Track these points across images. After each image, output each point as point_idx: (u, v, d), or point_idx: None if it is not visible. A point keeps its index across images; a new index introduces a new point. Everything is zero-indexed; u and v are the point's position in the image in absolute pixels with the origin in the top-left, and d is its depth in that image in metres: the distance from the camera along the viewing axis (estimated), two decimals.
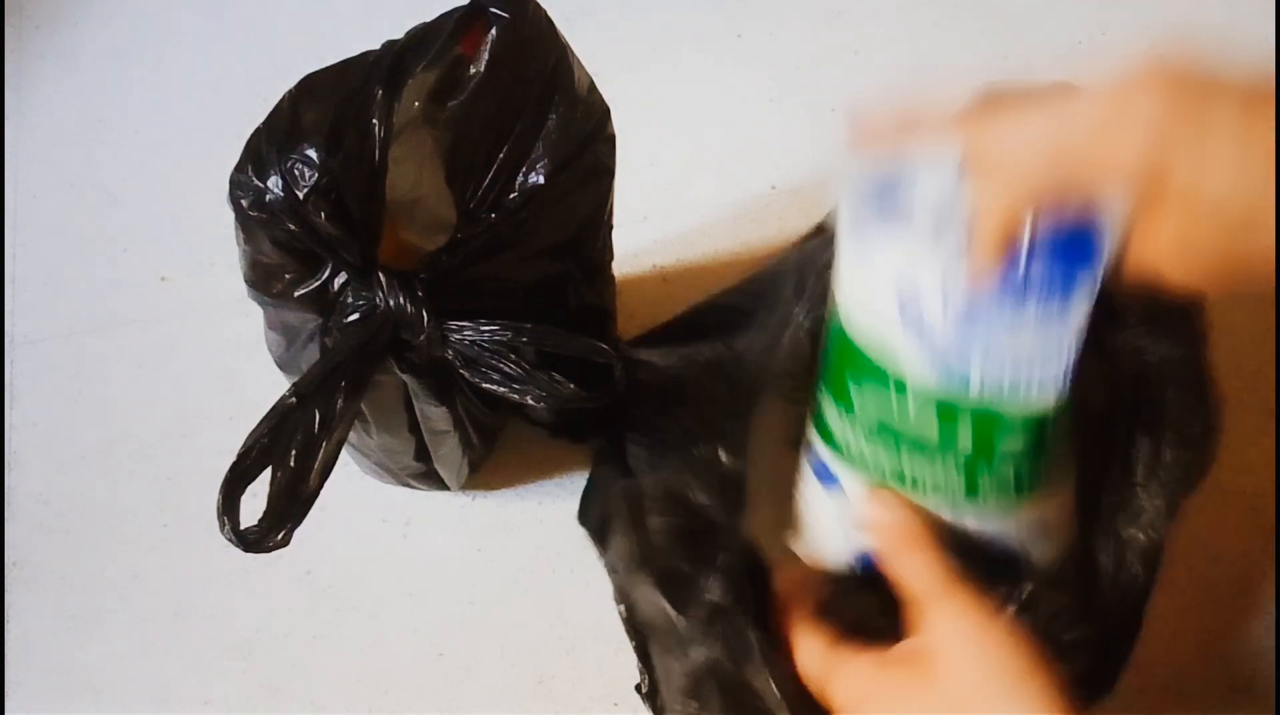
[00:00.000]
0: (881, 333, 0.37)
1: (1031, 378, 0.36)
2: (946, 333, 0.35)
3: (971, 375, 0.36)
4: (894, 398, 0.37)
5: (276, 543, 0.42)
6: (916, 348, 0.36)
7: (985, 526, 0.40)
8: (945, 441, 0.38)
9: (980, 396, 0.36)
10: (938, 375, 0.36)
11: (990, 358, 0.36)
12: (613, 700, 0.60)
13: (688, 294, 0.72)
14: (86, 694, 0.61)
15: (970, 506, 0.39)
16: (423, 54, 0.45)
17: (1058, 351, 0.36)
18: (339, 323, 0.46)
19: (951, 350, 0.36)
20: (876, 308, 0.37)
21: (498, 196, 0.46)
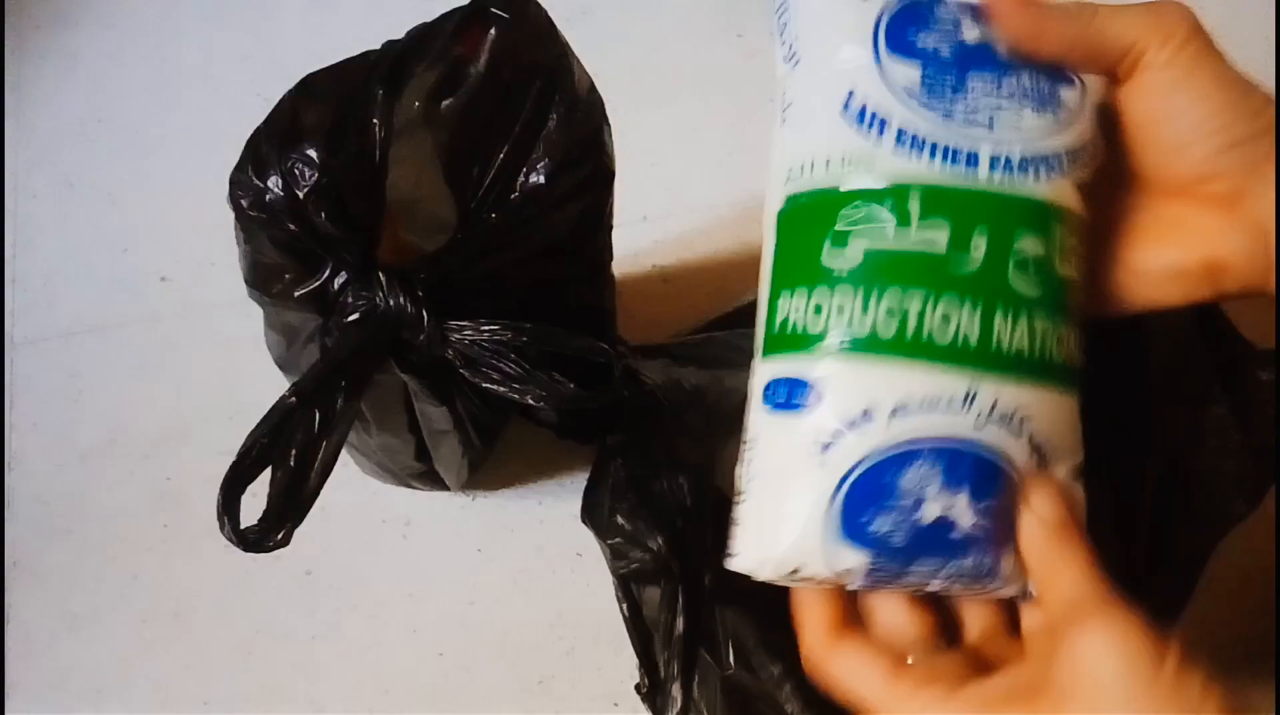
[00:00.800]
0: (863, 150, 0.33)
1: (1038, 153, 0.32)
2: (946, 105, 0.32)
3: (980, 153, 0.32)
4: (894, 213, 0.32)
5: (276, 543, 0.42)
6: (916, 137, 0.32)
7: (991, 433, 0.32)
8: (957, 248, 0.32)
9: (989, 174, 0.32)
10: (941, 157, 0.32)
11: (996, 122, 0.32)
12: (613, 700, 0.60)
13: (688, 294, 0.73)
14: (86, 694, 0.61)
15: (980, 375, 0.32)
16: (423, 54, 0.45)
17: (1058, 124, 0.33)
18: (339, 323, 0.46)
19: (956, 122, 0.32)
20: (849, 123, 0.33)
21: (498, 196, 0.46)
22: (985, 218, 0.32)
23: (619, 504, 0.48)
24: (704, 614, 0.45)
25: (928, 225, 0.32)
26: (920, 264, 0.32)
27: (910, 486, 0.32)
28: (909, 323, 0.32)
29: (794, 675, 0.43)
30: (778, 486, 0.34)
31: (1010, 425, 0.32)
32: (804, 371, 0.33)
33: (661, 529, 0.46)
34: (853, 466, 0.32)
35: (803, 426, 0.33)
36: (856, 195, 0.33)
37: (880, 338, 0.32)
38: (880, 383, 0.32)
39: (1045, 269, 0.32)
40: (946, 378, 0.32)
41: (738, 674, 0.44)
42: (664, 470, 0.48)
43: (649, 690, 0.47)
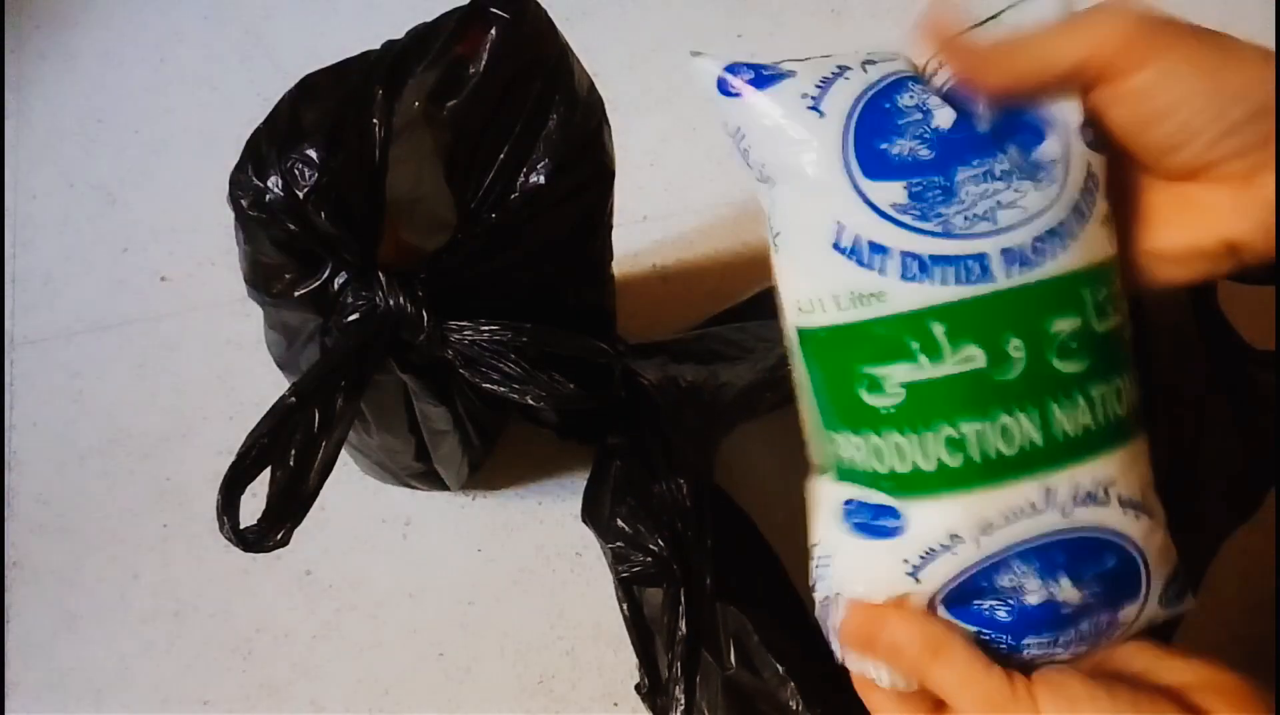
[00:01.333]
0: (869, 284, 0.31)
1: (1047, 229, 0.30)
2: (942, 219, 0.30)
3: (989, 255, 0.30)
4: (919, 342, 0.31)
5: (276, 543, 0.42)
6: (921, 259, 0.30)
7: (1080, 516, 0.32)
8: (995, 360, 0.31)
9: (1005, 274, 0.30)
10: (953, 275, 0.30)
11: (997, 215, 0.30)
12: (613, 700, 0.60)
13: (688, 294, 0.73)
14: (86, 694, 0.61)
15: (1055, 471, 0.31)
16: (423, 54, 0.45)
17: (1056, 184, 0.31)
18: (339, 323, 0.46)
19: (956, 229, 0.30)
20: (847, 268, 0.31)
21: (498, 196, 0.46)
22: (1015, 319, 0.31)
23: (619, 507, 0.48)
24: (706, 615, 0.45)
25: (959, 346, 0.31)
26: (964, 386, 0.31)
27: (1008, 586, 0.32)
28: (972, 450, 0.31)
29: (795, 675, 0.43)
30: (874, 597, 0.34)
31: (1096, 501, 0.32)
32: (881, 501, 0.33)
33: (662, 531, 0.46)
34: (945, 584, 0.32)
35: (889, 551, 0.33)
36: (876, 331, 0.31)
37: (948, 469, 0.31)
38: (959, 511, 0.32)
39: (1087, 336, 0.31)
40: (1022, 486, 0.31)
41: (739, 673, 0.44)
42: (663, 472, 0.48)
43: (649, 690, 0.47)
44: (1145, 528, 0.33)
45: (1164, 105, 0.29)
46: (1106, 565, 0.32)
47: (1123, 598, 0.33)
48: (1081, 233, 0.31)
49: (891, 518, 0.33)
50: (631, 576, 0.47)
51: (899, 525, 0.32)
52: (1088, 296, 0.31)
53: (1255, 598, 0.60)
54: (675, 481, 0.47)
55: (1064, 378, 0.31)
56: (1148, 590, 0.33)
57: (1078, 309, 0.31)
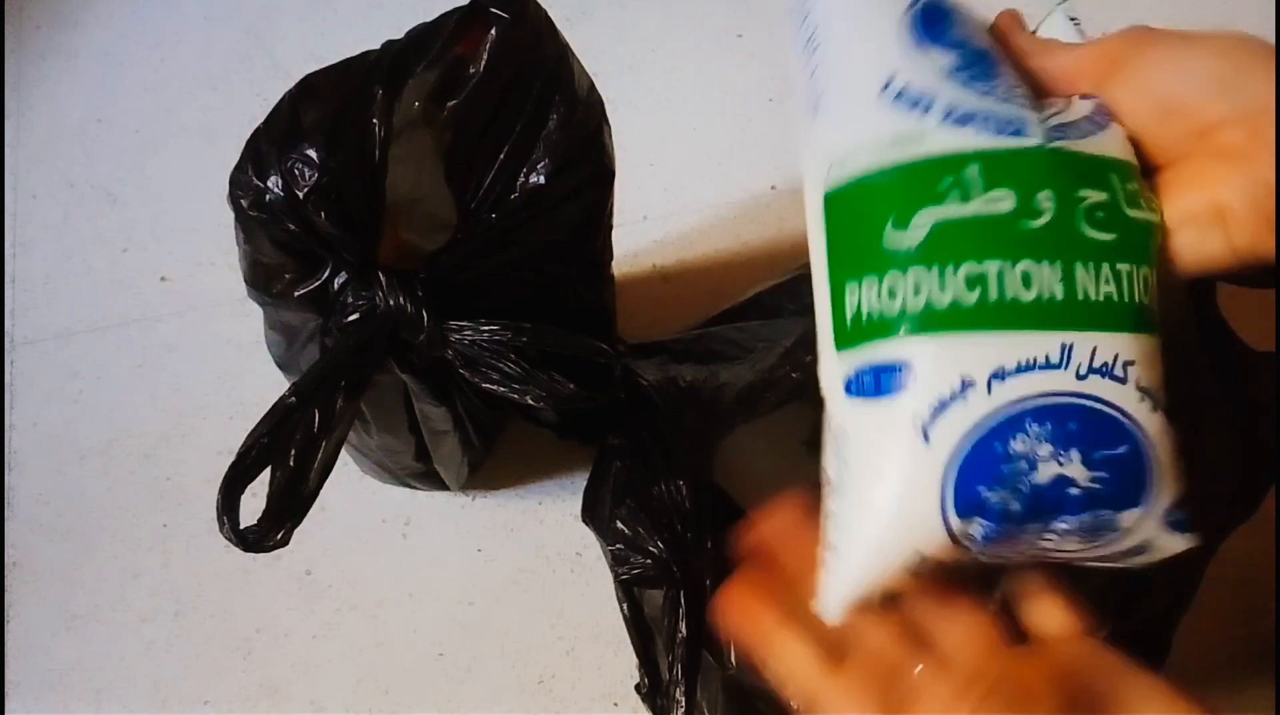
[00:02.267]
0: (912, 126, 0.33)
1: (1074, 118, 0.33)
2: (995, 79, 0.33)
3: (1027, 120, 0.32)
4: (953, 181, 0.32)
5: (276, 542, 0.42)
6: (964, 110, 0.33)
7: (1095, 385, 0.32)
8: (1022, 207, 0.32)
9: (1040, 139, 0.32)
10: (992, 127, 0.32)
11: (1030, 102, 0.33)
12: (613, 700, 0.60)
13: (688, 294, 0.73)
14: (86, 694, 0.61)
15: (1074, 331, 0.32)
16: (423, 54, 0.45)
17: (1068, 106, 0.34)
18: (339, 323, 0.46)
19: (996, 98, 0.33)
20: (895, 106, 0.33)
21: (498, 197, 0.46)
22: (1048, 175, 0.32)
23: (618, 508, 0.48)
24: (706, 617, 0.45)
25: (991, 191, 0.32)
26: (991, 228, 0.31)
27: (1022, 451, 0.31)
28: (990, 289, 0.31)
29: None
30: (883, 476, 0.33)
31: (1113, 375, 0.32)
32: (890, 356, 0.32)
33: (661, 533, 0.46)
34: (959, 442, 0.31)
35: (899, 411, 0.32)
36: (913, 170, 0.32)
37: (964, 308, 0.31)
38: (972, 353, 0.31)
39: (1115, 214, 0.32)
40: (1039, 337, 0.31)
41: (739, 673, 0.44)
42: (662, 473, 0.48)
43: (649, 690, 0.47)
44: (1160, 426, 0.33)
45: (1155, 110, 0.33)
46: (1118, 449, 0.32)
47: (1127, 496, 0.32)
48: (1106, 131, 0.33)
49: (898, 371, 0.32)
50: (631, 578, 0.47)
51: (906, 379, 0.32)
52: (1116, 182, 0.32)
53: (1254, 598, 0.60)
54: (675, 483, 0.47)
55: (1090, 242, 0.32)
56: (1153, 498, 0.33)
57: (1107, 187, 0.32)
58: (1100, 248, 0.32)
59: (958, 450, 0.31)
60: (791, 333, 0.48)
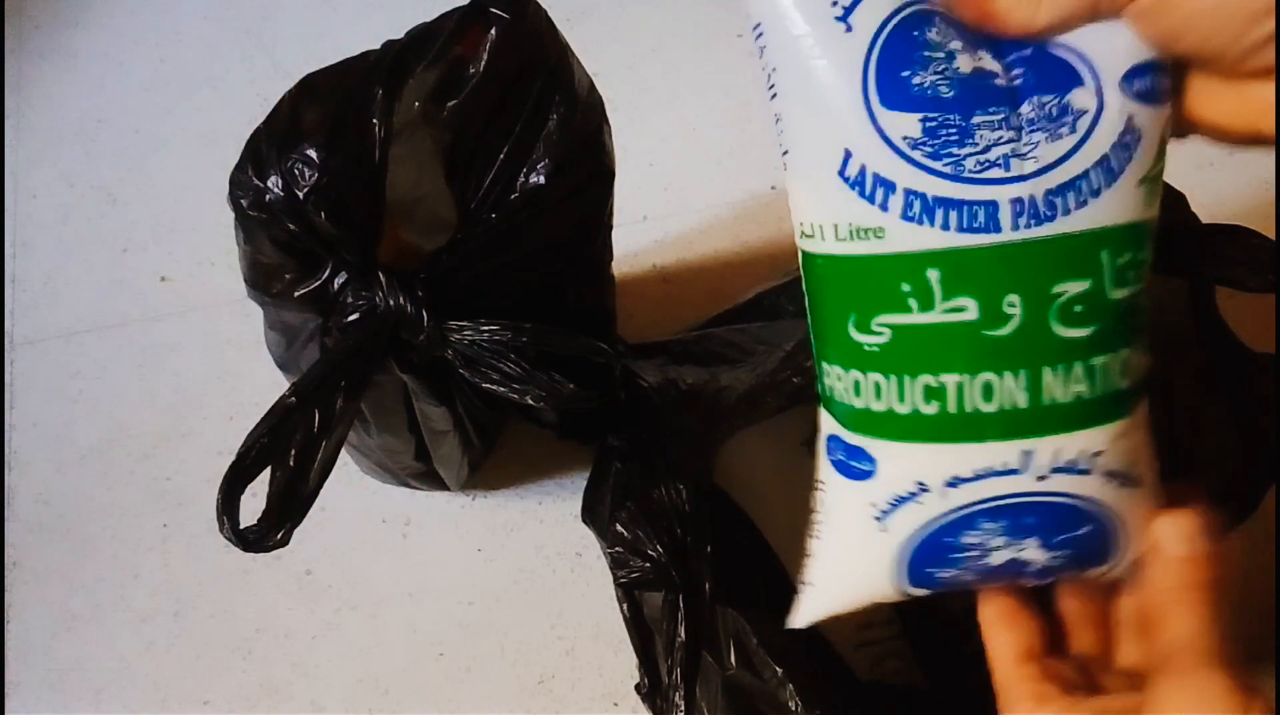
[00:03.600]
0: (870, 219, 0.29)
1: (1063, 183, 0.29)
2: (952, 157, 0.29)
3: (998, 203, 0.28)
4: (912, 286, 0.29)
5: (276, 542, 0.42)
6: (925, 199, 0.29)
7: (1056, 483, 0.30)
8: (989, 316, 0.29)
9: (1012, 225, 0.28)
10: (956, 220, 0.29)
11: (1010, 164, 0.29)
12: (613, 700, 0.60)
13: (688, 294, 0.73)
14: (86, 694, 0.61)
15: (1037, 437, 0.30)
16: (423, 54, 0.45)
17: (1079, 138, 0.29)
18: (339, 323, 0.46)
19: (967, 172, 0.29)
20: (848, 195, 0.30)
21: (498, 197, 0.46)
22: (1016, 276, 0.29)
23: (618, 512, 0.48)
24: (705, 620, 0.45)
25: (952, 298, 0.29)
26: (951, 337, 0.29)
27: (975, 543, 0.31)
28: (949, 402, 0.30)
29: (794, 677, 0.43)
30: (846, 542, 0.34)
31: (1078, 470, 0.30)
32: (854, 440, 0.32)
33: (661, 537, 0.46)
34: (910, 535, 0.32)
35: (859, 494, 0.32)
36: (872, 270, 0.30)
37: (923, 419, 0.30)
38: (929, 462, 0.31)
39: (1097, 302, 0.29)
40: (998, 446, 0.30)
41: (739, 674, 0.44)
42: (662, 476, 0.48)
43: (649, 690, 0.47)
44: (1129, 497, 0.31)
45: (1182, 19, 0.28)
46: (1078, 531, 0.31)
47: (1090, 562, 0.32)
48: (1109, 190, 0.29)
49: (865, 461, 0.32)
50: (630, 582, 0.47)
51: (870, 469, 0.32)
52: (1106, 259, 0.29)
53: (1254, 598, 0.60)
54: (675, 486, 0.47)
55: (1062, 343, 0.29)
56: (1121, 555, 0.33)
57: (1091, 272, 0.29)
58: (1073, 347, 0.29)
59: (910, 539, 0.32)
60: (792, 336, 0.48)
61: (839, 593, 0.35)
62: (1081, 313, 0.29)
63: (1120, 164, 0.29)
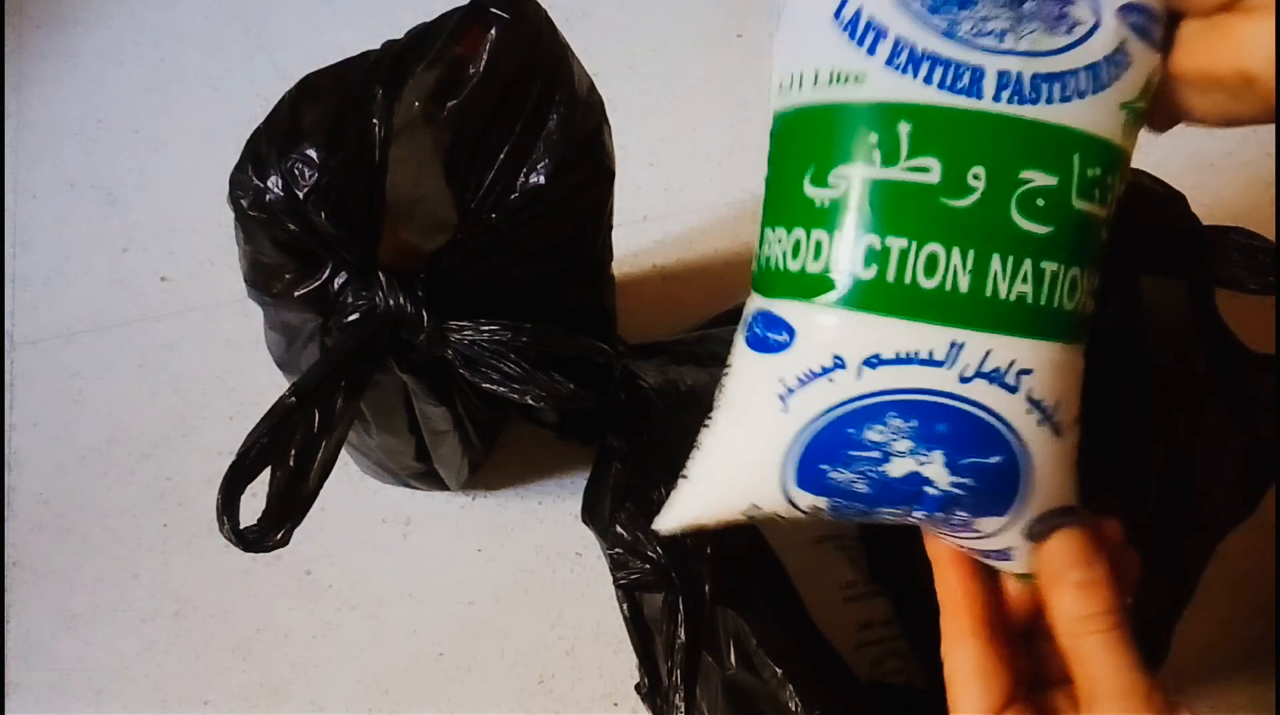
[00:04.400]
0: (853, 63, 0.29)
1: (1053, 71, 0.28)
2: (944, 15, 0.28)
3: (984, 70, 0.28)
4: (880, 137, 0.28)
5: (276, 542, 0.42)
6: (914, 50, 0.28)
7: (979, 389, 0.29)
8: (950, 183, 0.28)
9: (994, 96, 0.28)
10: (940, 76, 0.28)
11: (1006, 37, 0.28)
12: (613, 700, 0.60)
13: (688, 294, 0.73)
14: (86, 694, 0.61)
15: (970, 329, 0.29)
16: (423, 54, 0.45)
17: (1075, 40, 0.29)
18: (339, 323, 0.46)
19: (961, 35, 0.28)
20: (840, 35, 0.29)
21: (498, 197, 0.46)
22: (986, 146, 0.28)
23: (618, 513, 0.48)
24: (705, 621, 0.45)
25: (918, 157, 0.28)
26: (907, 198, 0.28)
27: (877, 441, 0.29)
28: (888, 267, 0.28)
29: (794, 677, 0.43)
30: (741, 425, 0.32)
31: (1003, 381, 0.29)
32: (778, 312, 0.31)
33: (661, 538, 0.46)
34: (812, 419, 0.30)
35: (769, 369, 0.31)
36: (842, 117, 0.29)
37: (857, 282, 0.29)
38: (851, 333, 0.29)
39: (1059, 204, 0.28)
40: (928, 329, 0.28)
41: (739, 674, 0.44)
42: (663, 478, 0.48)
43: (649, 690, 0.47)
44: (1045, 441, 0.30)
45: None
46: (989, 459, 0.29)
47: (988, 506, 0.30)
48: (1093, 97, 0.29)
49: (782, 331, 0.30)
50: (630, 583, 0.47)
51: (786, 340, 0.30)
52: (1076, 163, 0.28)
53: (1254, 598, 0.60)
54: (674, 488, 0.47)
55: (1017, 233, 0.28)
56: (1018, 509, 0.31)
57: (1060, 169, 0.28)
58: (1026, 241, 0.28)
59: (809, 426, 0.30)
60: None
61: (718, 492, 0.33)
62: (1042, 208, 0.28)
63: (1109, 77, 0.29)
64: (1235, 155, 0.72)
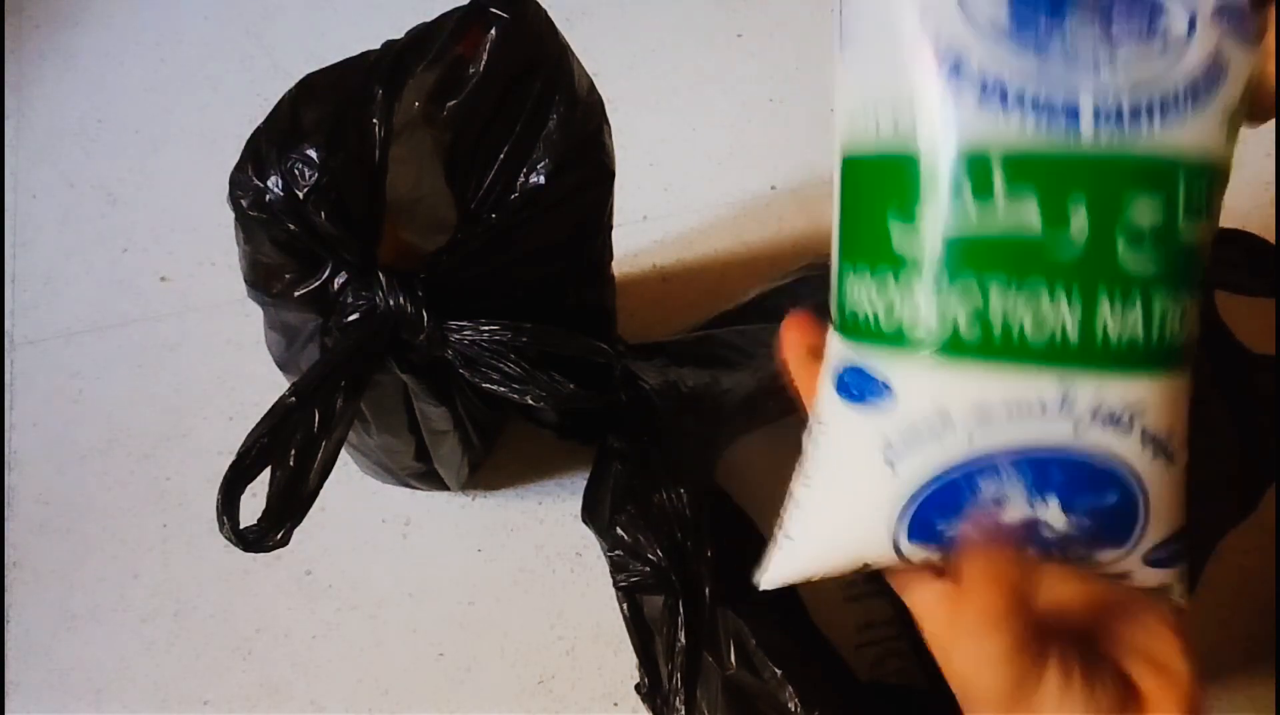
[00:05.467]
0: (937, 102, 0.27)
1: (1155, 95, 0.26)
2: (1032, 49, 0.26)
3: (1080, 102, 0.26)
4: (973, 183, 0.27)
5: (276, 542, 0.42)
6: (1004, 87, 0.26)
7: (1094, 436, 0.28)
8: (1051, 227, 0.26)
9: (1092, 131, 0.26)
10: (1034, 116, 0.26)
11: (1101, 63, 0.26)
12: (613, 700, 0.60)
13: (688, 294, 0.73)
14: (86, 694, 0.61)
15: (1081, 374, 0.27)
16: (423, 54, 0.45)
17: (1174, 52, 0.27)
18: (339, 323, 0.46)
19: (1052, 64, 0.26)
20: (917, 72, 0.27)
21: (498, 197, 0.46)
22: (1088, 187, 0.26)
23: (618, 515, 0.48)
24: (705, 623, 0.45)
25: (1015, 201, 0.26)
26: (1007, 250, 0.27)
27: (992, 493, 0.29)
28: (994, 322, 0.27)
29: (794, 678, 0.43)
30: (845, 487, 0.31)
31: (1118, 425, 0.28)
32: (874, 367, 0.29)
33: (661, 541, 0.46)
34: (925, 479, 0.29)
35: (869, 426, 0.29)
36: (932, 158, 0.27)
37: (961, 339, 0.27)
38: (959, 390, 0.28)
39: (1168, 237, 0.27)
40: (1038, 379, 0.27)
41: (739, 674, 0.44)
42: (663, 480, 0.48)
43: (649, 690, 0.47)
44: (1161, 473, 0.29)
45: None
46: (1105, 501, 0.29)
47: (1107, 540, 0.30)
48: (1194, 115, 0.27)
49: (879, 389, 0.29)
50: (630, 586, 0.47)
51: (887, 397, 0.29)
52: (1182, 188, 0.27)
53: (1254, 598, 0.60)
54: (676, 491, 0.47)
55: (1126, 272, 0.27)
56: (1138, 541, 0.30)
57: (1166, 198, 0.27)
58: (1134, 278, 0.27)
59: (922, 487, 0.29)
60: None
61: (824, 549, 0.32)
62: (1151, 242, 0.27)
63: (1210, 88, 0.27)
64: (1235, 155, 0.71)
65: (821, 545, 0.32)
